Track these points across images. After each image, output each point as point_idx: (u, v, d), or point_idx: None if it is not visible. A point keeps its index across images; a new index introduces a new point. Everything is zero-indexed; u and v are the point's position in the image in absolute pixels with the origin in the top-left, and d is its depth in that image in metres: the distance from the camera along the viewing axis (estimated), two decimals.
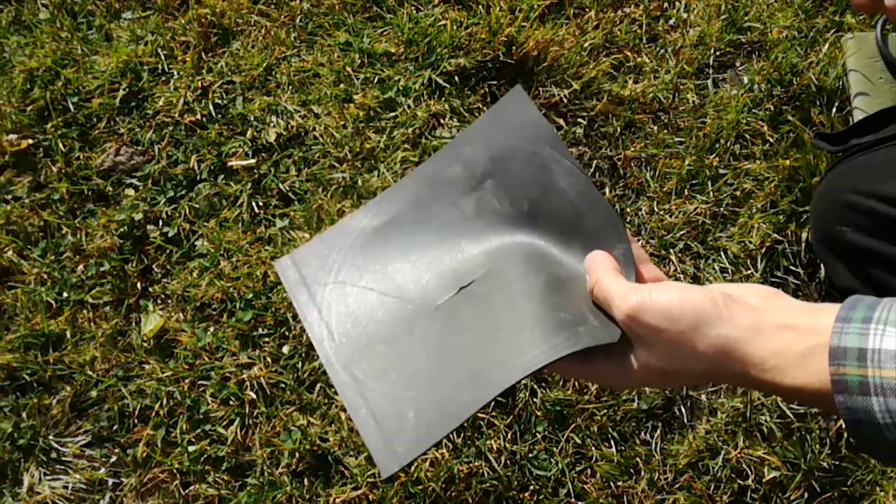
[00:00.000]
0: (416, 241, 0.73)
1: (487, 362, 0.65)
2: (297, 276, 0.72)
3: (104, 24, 1.05)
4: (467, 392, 0.64)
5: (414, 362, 0.69)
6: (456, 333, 0.69)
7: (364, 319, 0.72)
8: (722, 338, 0.52)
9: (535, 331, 0.63)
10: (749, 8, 1.07)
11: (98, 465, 0.84)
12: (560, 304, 0.64)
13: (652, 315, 0.54)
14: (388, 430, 0.66)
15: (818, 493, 0.81)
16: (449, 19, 1.02)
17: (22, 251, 0.94)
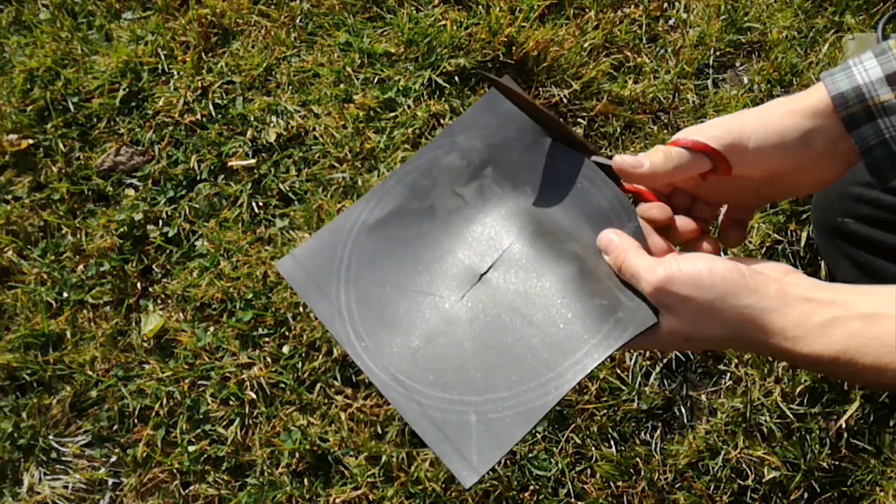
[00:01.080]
0: (422, 232, 0.73)
1: (539, 362, 0.65)
2: (304, 275, 0.71)
3: (104, 25, 1.05)
4: (529, 394, 0.65)
5: (458, 362, 0.68)
6: (492, 329, 0.68)
7: (389, 317, 0.70)
8: (748, 307, 0.56)
9: (577, 323, 0.64)
10: (749, 8, 1.07)
11: (98, 465, 0.84)
12: (592, 289, 0.65)
13: (681, 285, 0.58)
14: (455, 439, 0.66)
15: (818, 493, 0.81)
16: (449, 19, 1.02)
17: (22, 251, 0.94)
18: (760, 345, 0.57)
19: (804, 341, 0.55)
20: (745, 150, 0.62)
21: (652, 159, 0.62)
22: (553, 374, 0.64)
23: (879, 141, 0.60)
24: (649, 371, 0.85)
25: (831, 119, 0.61)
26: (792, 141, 0.61)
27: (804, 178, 0.65)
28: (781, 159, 0.62)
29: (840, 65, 0.60)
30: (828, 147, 0.62)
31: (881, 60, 0.60)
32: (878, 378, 0.53)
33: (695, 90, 1.02)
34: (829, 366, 0.54)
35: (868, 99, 0.59)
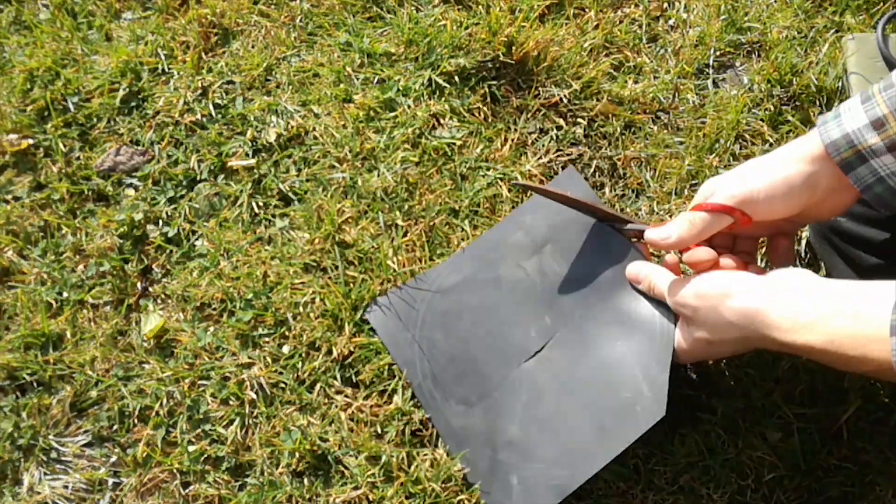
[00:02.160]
0: (488, 299, 0.83)
1: (572, 441, 0.76)
2: (385, 322, 0.85)
3: (104, 25, 1.05)
4: (565, 471, 0.75)
5: (508, 429, 0.78)
6: (540, 405, 0.78)
7: (457, 374, 0.81)
8: (747, 306, 0.66)
9: (608, 415, 0.75)
10: (749, 8, 1.07)
11: (98, 465, 0.85)
12: (622, 379, 0.76)
13: (689, 297, 0.70)
14: (497, 493, 0.77)
15: (818, 493, 0.81)
16: (449, 19, 1.02)
17: (22, 251, 0.94)
18: (768, 340, 0.65)
19: (797, 333, 0.62)
20: (757, 202, 0.69)
21: (679, 229, 0.72)
22: (582, 455, 0.75)
23: (876, 179, 0.67)
24: None
25: (828, 162, 0.68)
26: (798, 187, 0.69)
27: (821, 210, 0.72)
28: (793, 203, 0.70)
29: (832, 112, 0.68)
30: (832, 184, 0.69)
31: (866, 107, 0.66)
32: (861, 366, 0.60)
33: (695, 90, 1.02)
34: (821, 354, 0.62)
35: (857, 144, 0.66)
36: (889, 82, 0.66)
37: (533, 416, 0.78)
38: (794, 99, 1.00)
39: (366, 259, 0.90)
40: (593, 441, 0.75)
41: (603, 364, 0.77)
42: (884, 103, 0.65)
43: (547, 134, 0.98)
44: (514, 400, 0.79)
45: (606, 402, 0.76)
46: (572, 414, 0.77)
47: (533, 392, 0.79)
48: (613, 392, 0.76)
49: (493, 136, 0.97)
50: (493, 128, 0.97)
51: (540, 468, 0.76)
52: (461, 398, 0.80)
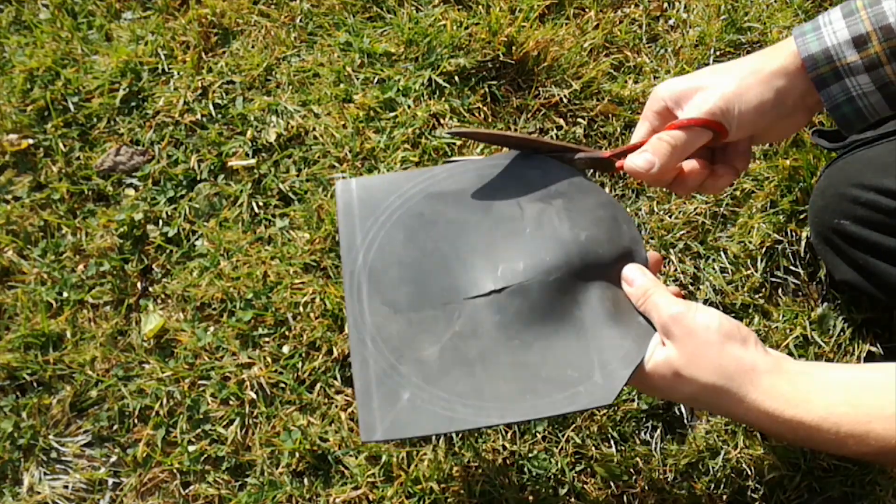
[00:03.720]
0: (468, 220, 0.75)
1: (490, 389, 0.69)
2: (352, 203, 0.75)
3: (104, 24, 1.05)
4: (463, 408, 0.69)
5: (424, 348, 0.71)
6: (470, 341, 0.71)
7: (397, 278, 0.73)
8: (745, 359, 0.60)
9: (541, 382, 0.68)
10: (749, 8, 1.07)
11: (98, 465, 0.85)
12: (571, 359, 0.69)
13: (692, 321, 0.62)
14: (380, 400, 0.70)
15: (818, 493, 0.81)
16: (449, 19, 1.02)
17: (22, 251, 0.94)
18: (743, 403, 0.59)
19: (791, 403, 0.57)
20: (732, 116, 0.65)
21: (660, 154, 0.65)
22: (498, 405, 0.68)
23: (847, 98, 0.63)
24: None
25: (800, 78, 0.64)
26: (769, 102, 0.64)
27: (776, 131, 0.68)
28: (761, 119, 0.65)
29: (810, 24, 0.64)
30: (797, 103, 0.65)
31: (848, 22, 0.62)
32: (861, 446, 0.55)
33: None
34: (812, 431, 0.56)
35: (836, 60, 0.62)
36: None
37: (458, 348, 0.71)
38: None
39: None
40: (514, 396, 0.68)
41: (558, 335, 0.70)
42: (868, 20, 0.61)
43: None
44: (446, 326, 0.72)
45: (545, 371, 0.69)
46: (502, 366, 0.70)
47: (469, 328, 0.72)
48: (558, 365, 0.69)
49: None
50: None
51: (440, 396, 0.70)
52: (389, 301, 0.73)
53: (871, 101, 0.63)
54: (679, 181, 0.70)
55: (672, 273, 0.92)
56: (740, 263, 0.92)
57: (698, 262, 0.93)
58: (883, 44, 0.61)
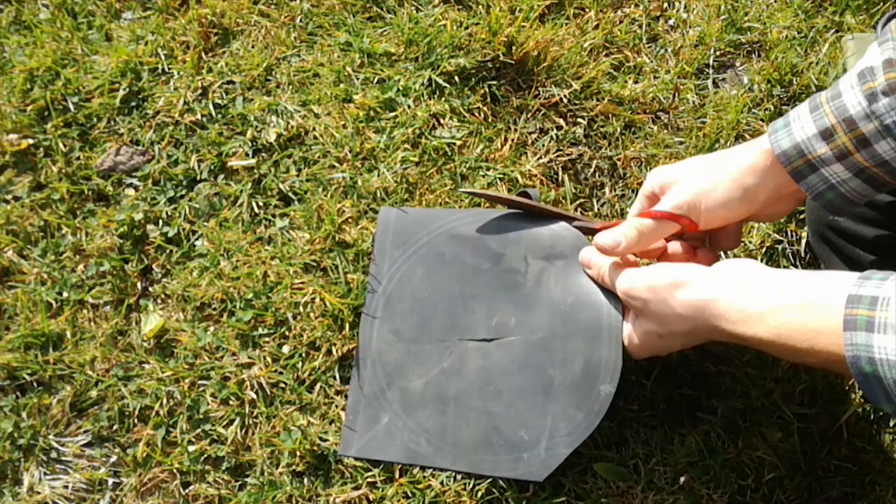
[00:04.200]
0: (480, 266, 0.83)
1: (453, 433, 0.78)
2: (388, 230, 0.87)
3: (104, 24, 1.05)
4: (426, 444, 0.79)
5: (413, 379, 0.81)
6: (453, 379, 0.80)
7: (408, 310, 0.83)
8: (694, 298, 0.66)
9: (496, 436, 0.77)
10: (749, 8, 1.07)
11: (98, 465, 0.85)
12: (529, 418, 0.77)
13: (640, 289, 0.70)
14: (363, 420, 0.81)
15: (818, 493, 0.81)
16: (449, 19, 1.02)
17: (22, 251, 0.94)
18: (717, 331, 0.65)
19: (745, 325, 0.62)
20: (699, 211, 0.71)
21: (627, 237, 0.73)
22: (453, 451, 0.78)
23: (827, 186, 0.68)
24: (649, 371, 0.85)
25: (771, 174, 0.69)
26: (736, 200, 0.70)
27: (763, 217, 0.74)
28: (729, 214, 0.71)
29: (782, 120, 0.69)
30: (770, 197, 0.71)
31: (815, 117, 0.67)
32: (809, 357, 0.60)
33: (695, 90, 1.02)
34: (769, 346, 0.62)
35: (807, 153, 0.67)
36: (836, 91, 0.66)
37: (441, 384, 0.80)
38: (794, 99, 1.00)
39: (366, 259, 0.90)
40: (470, 446, 0.78)
41: (526, 391, 0.78)
42: (831, 113, 0.65)
43: (547, 134, 0.98)
44: (437, 361, 0.81)
45: (505, 426, 0.77)
46: (471, 410, 0.79)
47: (455, 367, 0.80)
48: (516, 422, 0.77)
49: (493, 136, 0.97)
50: (493, 128, 0.97)
51: (411, 427, 0.79)
52: (396, 329, 0.83)
53: (852, 186, 0.67)
54: (663, 259, 0.77)
55: None
56: None
57: None
58: (848, 134, 0.65)
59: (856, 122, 0.64)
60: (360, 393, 0.81)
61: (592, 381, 0.76)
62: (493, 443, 0.77)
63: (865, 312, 0.55)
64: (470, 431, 0.78)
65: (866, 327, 0.54)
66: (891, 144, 0.63)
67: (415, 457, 0.78)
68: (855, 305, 0.55)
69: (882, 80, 0.62)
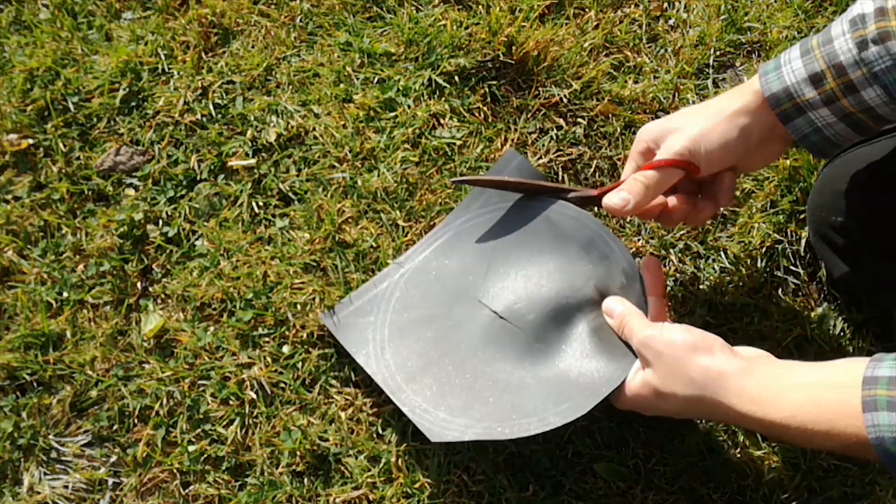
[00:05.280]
0: (523, 241, 0.82)
1: (420, 372, 0.78)
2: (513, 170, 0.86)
3: (104, 24, 1.05)
4: (393, 376, 0.80)
5: (419, 310, 0.83)
6: (453, 331, 0.80)
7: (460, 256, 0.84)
8: (712, 366, 0.64)
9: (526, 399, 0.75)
10: (749, 8, 1.07)
11: (98, 465, 0.85)
12: (518, 402, 0.75)
13: (658, 342, 0.68)
14: (356, 306, 0.85)
15: (818, 493, 0.81)
16: (449, 19, 1.02)
17: (22, 251, 0.94)
18: (721, 407, 0.63)
19: (760, 405, 0.61)
20: (699, 154, 0.72)
21: (634, 193, 0.72)
22: (408, 381, 0.79)
23: (813, 129, 0.69)
24: None
25: (764, 113, 0.70)
26: (733, 140, 0.71)
27: (755, 161, 0.75)
28: (729, 155, 0.72)
29: (773, 62, 0.70)
30: (764, 135, 0.71)
31: (805, 61, 0.68)
32: (826, 442, 0.58)
33: (695, 90, 1.02)
34: (782, 430, 0.60)
35: (796, 97, 0.68)
36: (828, 36, 0.67)
37: (438, 328, 0.81)
38: None
39: (366, 259, 0.90)
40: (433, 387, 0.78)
41: (503, 381, 0.77)
42: (821, 58, 0.66)
43: (547, 134, 0.98)
44: (446, 304, 0.82)
45: (506, 397, 0.76)
46: (455, 365, 0.79)
47: (459, 320, 0.81)
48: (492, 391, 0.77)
49: (493, 135, 0.97)
50: (493, 128, 0.97)
51: (390, 346, 0.82)
52: (436, 264, 0.85)
53: (837, 130, 0.69)
54: (664, 215, 0.77)
55: (672, 273, 0.92)
56: (740, 263, 0.92)
57: (698, 262, 0.93)
58: (837, 80, 0.66)
59: (845, 68, 0.65)
60: (372, 288, 0.85)
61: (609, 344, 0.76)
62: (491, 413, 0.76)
63: (885, 392, 0.54)
64: (443, 378, 0.78)
65: (887, 407, 0.54)
66: (877, 91, 0.65)
67: (368, 359, 0.81)
68: (872, 387, 0.55)
69: (873, 29, 0.63)
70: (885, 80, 0.64)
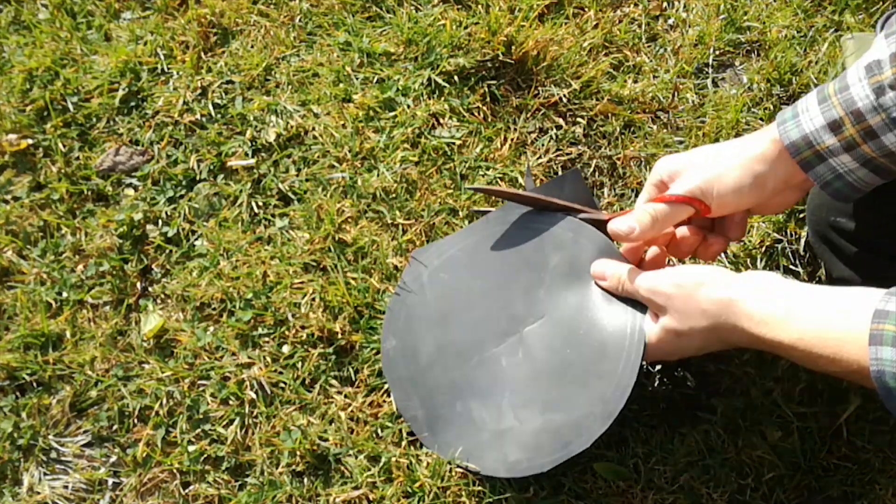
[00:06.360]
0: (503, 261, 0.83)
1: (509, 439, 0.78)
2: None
3: (104, 24, 1.05)
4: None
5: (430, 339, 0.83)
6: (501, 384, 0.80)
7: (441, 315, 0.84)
8: (722, 296, 0.66)
9: (545, 435, 0.76)
10: (748, 7, 1.07)
11: (98, 465, 0.85)
12: (569, 398, 0.77)
13: (665, 285, 0.70)
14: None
15: (818, 492, 0.81)
16: (448, 19, 1.02)
17: (22, 251, 0.94)
18: (735, 331, 0.66)
19: (768, 327, 0.63)
20: (712, 197, 0.72)
21: (641, 223, 0.73)
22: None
23: (835, 175, 0.69)
24: (649, 371, 0.85)
25: (781, 162, 0.70)
26: (747, 186, 0.71)
27: (769, 207, 0.75)
28: (741, 200, 0.72)
29: (791, 110, 0.70)
30: (778, 185, 0.72)
31: (823, 109, 0.67)
32: (831, 366, 0.60)
33: (694, 89, 1.02)
34: (790, 351, 0.63)
35: (815, 145, 0.68)
36: (844, 83, 0.66)
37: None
38: (794, 98, 1.00)
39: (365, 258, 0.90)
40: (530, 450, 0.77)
41: (561, 374, 0.78)
42: (839, 105, 0.66)
43: (546, 133, 0.98)
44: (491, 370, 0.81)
45: (550, 421, 0.77)
46: (527, 407, 0.79)
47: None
48: (557, 418, 0.77)
49: (492, 135, 0.97)
50: (493, 127, 0.97)
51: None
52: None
53: (860, 176, 0.68)
54: (673, 245, 0.78)
55: None
56: (740, 262, 0.92)
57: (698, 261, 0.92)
58: (856, 126, 0.66)
59: (863, 114, 0.65)
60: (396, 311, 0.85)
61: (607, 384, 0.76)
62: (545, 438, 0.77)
63: (892, 328, 0.55)
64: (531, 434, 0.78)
65: (892, 342, 0.55)
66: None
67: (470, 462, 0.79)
68: (882, 320, 0.56)
69: (889, 74, 0.63)
70: None
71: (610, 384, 0.75)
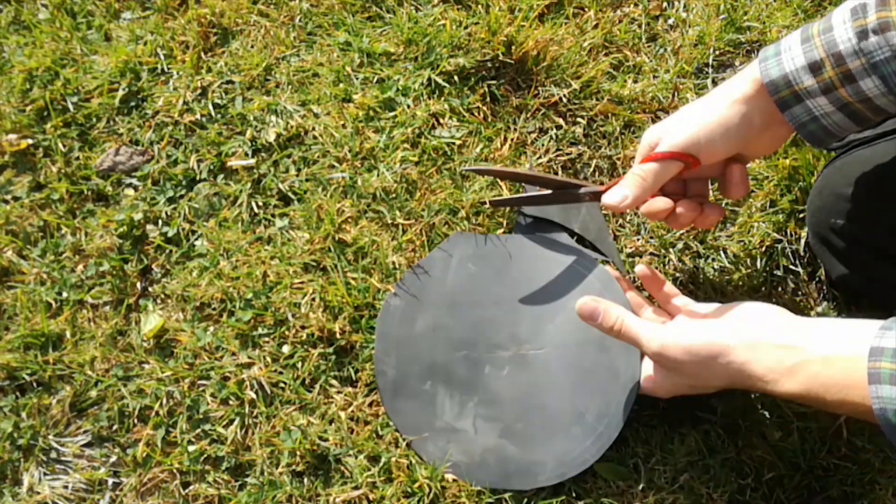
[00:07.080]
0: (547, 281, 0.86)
1: (519, 456, 0.80)
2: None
3: (104, 24, 1.05)
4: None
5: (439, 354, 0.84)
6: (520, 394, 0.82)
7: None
8: (731, 364, 0.68)
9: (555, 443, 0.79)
10: (748, 7, 1.07)
11: (98, 465, 0.85)
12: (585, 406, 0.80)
13: (675, 351, 0.71)
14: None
15: (817, 492, 0.81)
16: (448, 19, 1.02)
17: (22, 251, 0.94)
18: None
19: (777, 383, 0.65)
20: (700, 145, 0.71)
21: (632, 187, 0.73)
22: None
23: (811, 118, 0.68)
24: None
25: (764, 99, 0.69)
26: (734, 126, 0.71)
27: (760, 146, 0.74)
28: (731, 142, 0.72)
29: (774, 47, 0.69)
30: (766, 120, 0.71)
31: (805, 48, 0.67)
32: (841, 409, 0.62)
33: (694, 89, 1.02)
34: (802, 399, 0.65)
35: (794, 85, 0.67)
36: (828, 24, 0.66)
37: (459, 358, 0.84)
38: None
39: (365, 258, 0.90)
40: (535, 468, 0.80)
41: (573, 389, 0.82)
42: (821, 46, 0.66)
43: (546, 133, 0.98)
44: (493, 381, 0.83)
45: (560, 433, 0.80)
46: (532, 429, 0.81)
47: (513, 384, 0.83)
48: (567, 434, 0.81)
49: (492, 135, 0.97)
50: (493, 127, 0.97)
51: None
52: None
53: (835, 120, 0.68)
54: (672, 218, 0.78)
55: (672, 272, 0.92)
56: (740, 263, 0.92)
57: (698, 261, 0.93)
58: (835, 69, 0.65)
59: (844, 57, 0.65)
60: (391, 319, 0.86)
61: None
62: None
63: (889, 365, 0.56)
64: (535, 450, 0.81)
65: (889, 380, 0.55)
66: (875, 82, 0.64)
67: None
68: (878, 358, 0.57)
69: (874, 18, 0.63)
70: (883, 71, 0.64)
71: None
